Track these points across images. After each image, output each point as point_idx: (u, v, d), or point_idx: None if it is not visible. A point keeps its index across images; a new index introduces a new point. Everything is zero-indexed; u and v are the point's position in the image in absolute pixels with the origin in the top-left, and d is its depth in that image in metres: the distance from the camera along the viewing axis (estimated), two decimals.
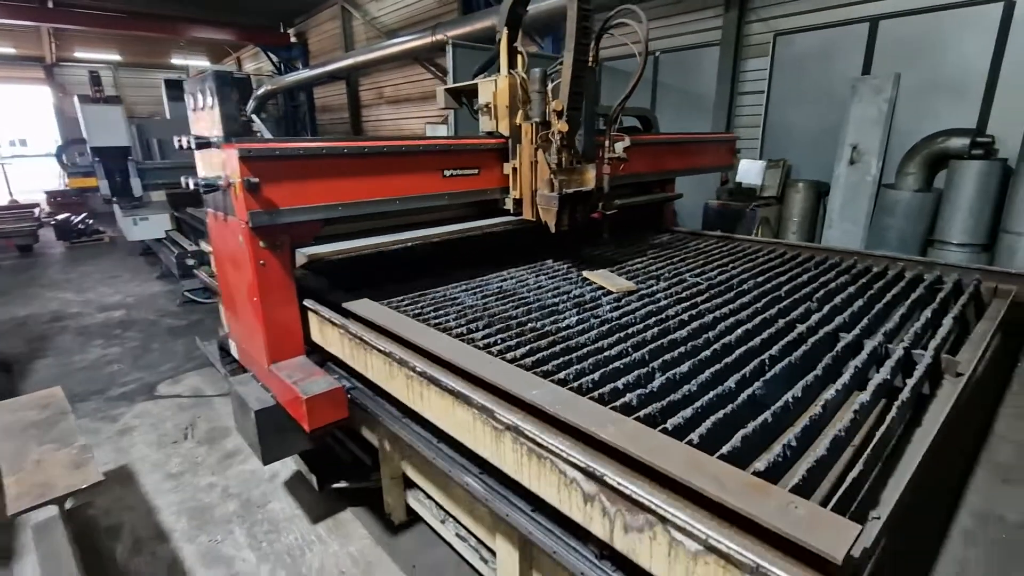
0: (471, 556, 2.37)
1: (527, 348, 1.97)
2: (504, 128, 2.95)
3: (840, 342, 2.02)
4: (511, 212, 3.04)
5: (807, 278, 2.85)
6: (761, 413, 1.50)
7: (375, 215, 2.66)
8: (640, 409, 1.53)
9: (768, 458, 1.30)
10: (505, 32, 2.92)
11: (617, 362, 1.86)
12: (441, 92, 3.37)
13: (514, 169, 2.93)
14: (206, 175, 2.47)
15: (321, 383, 2.26)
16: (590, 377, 1.75)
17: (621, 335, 2.11)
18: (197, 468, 3.41)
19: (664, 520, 1.12)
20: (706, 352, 1.92)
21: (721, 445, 1.34)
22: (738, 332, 2.09)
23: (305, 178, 2.29)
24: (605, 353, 1.94)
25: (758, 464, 1.28)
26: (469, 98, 3.25)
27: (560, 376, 1.74)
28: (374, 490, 2.92)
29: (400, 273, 3.04)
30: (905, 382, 1.70)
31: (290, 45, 17.06)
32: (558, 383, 1.67)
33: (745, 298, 2.52)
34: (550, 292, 2.69)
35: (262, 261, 2.32)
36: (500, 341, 2.05)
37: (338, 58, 13.33)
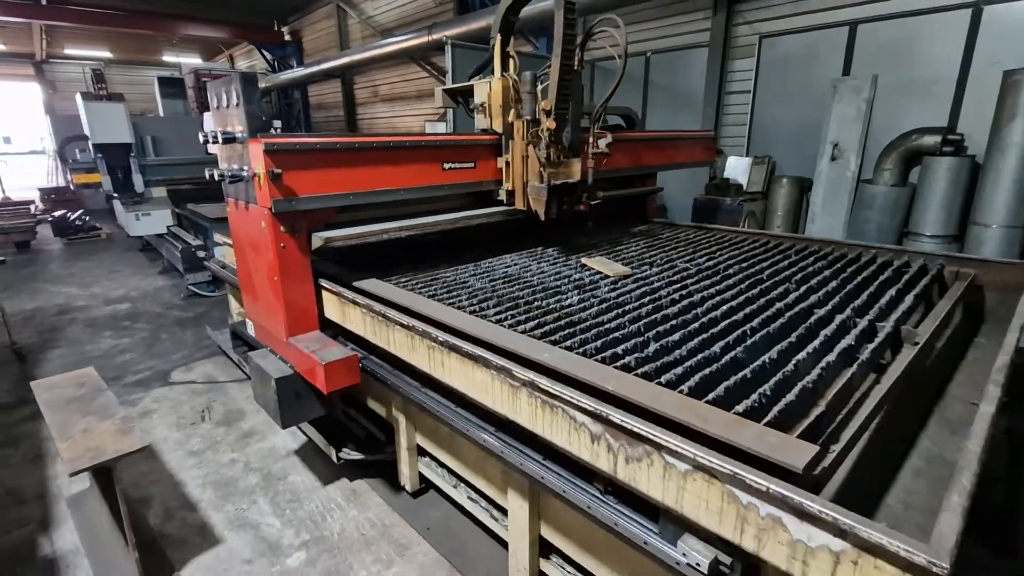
0: (482, 515, 2.60)
1: (535, 322, 2.19)
2: (498, 125, 3.20)
3: (813, 316, 2.27)
4: (504, 202, 3.31)
5: (787, 263, 3.11)
6: (742, 371, 1.75)
7: (381, 204, 2.90)
8: (637, 369, 1.76)
9: (746, 403, 1.54)
10: (499, 38, 3.17)
11: (616, 333, 2.09)
12: (439, 92, 3.64)
13: (507, 163, 3.19)
14: (229, 167, 2.68)
15: (336, 352, 2.51)
16: (592, 345, 1.98)
17: (619, 311, 2.34)
18: (217, 446, 3.61)
19: (660, 447, 1.35)
20: (695, 325, 2.16)
21: (707, 394, 1.58)
22: (723, 309, 2.33)
23: (321, 169, 2.52)
24: (605, 326, 2.16)
25: (738, 408, 1.52)
26: (465, 98, 3.51)
27: (566, 344, 1.96)
28: (387, 462, 3.14)
29: (404, 257, 3.30)
30: (866, 347, 1.95)
31: (284, 43, 17.10)
32: (565, 349, 1.90)
33: (730, 281, 2.77)
34: (552, 276, 2.91)
35: (283, 244, 2.56)
36: (511, 317, 2.28)
37: (333, 56, 13.45)
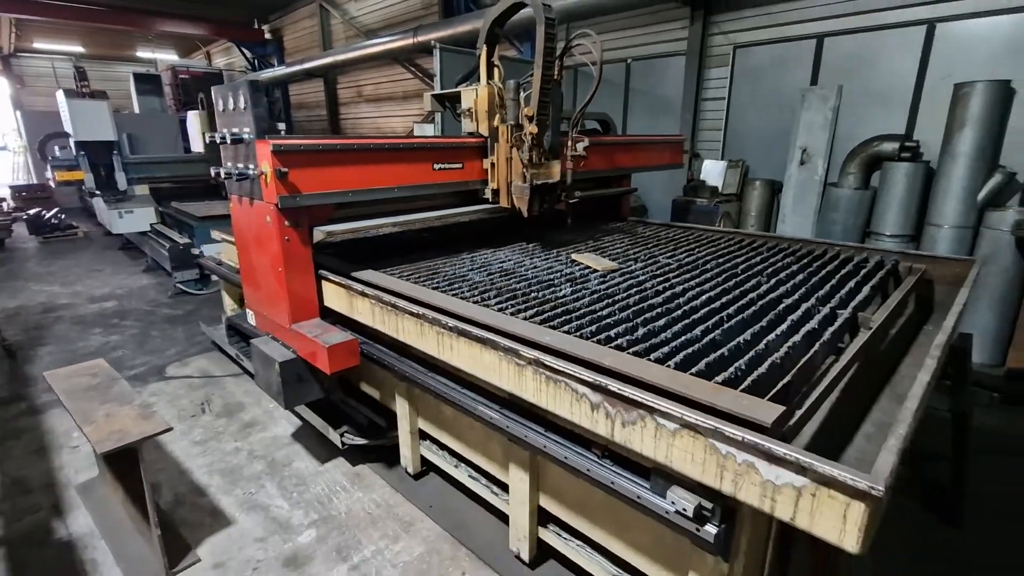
0: (483, 491, 2.79)
1: (534, 311, 2.40)
2: (484, 129, 3.42)
3: (782, 304, 2.53)
4: (490, 200, 3.54)
5: (759, 259, 3.39)
6: (720, 350, 1.99)
7: (376, 201, 3.12)
8: (629, 349, 1.99)
9: (724, 375, 1.78)
10: (484, 49, 3.40)
11: (608, 319, 2.31)
12: (428, 97, 3.88)
13: (492, 164, 3.42)
14: (235, 166, 2.85)
15: (338, 336, 2.73)
16: (588, 330, 2.19)
17: (608, 301, 2.57)
18: (220, 436, 3.72)
19: (652, 411, 1.58)
20: (678, 312, 2.40)
21: (690, 368, 1.81)
22: (703, 298, 2.58)
23: (322, 168, 2.71)
24: (597, 314, 2.39)
25: (717, 378, 1.75)
26: (452, 103, 3.74)
27: (564, 329, 2.18)
28: (388, 447, 3.31)
29: (395, 252, 3.49)
30: (828, 330, 2.22)
31: (264, 41, 16.98)
32: (564, 333, 2.12)
33: (708, 274, 3.03)
34: (544, 271, 3.13)
35: (287, 238, 2.76)
36: (511, 306, 2.48)
37: (316, 56, 13.45)
